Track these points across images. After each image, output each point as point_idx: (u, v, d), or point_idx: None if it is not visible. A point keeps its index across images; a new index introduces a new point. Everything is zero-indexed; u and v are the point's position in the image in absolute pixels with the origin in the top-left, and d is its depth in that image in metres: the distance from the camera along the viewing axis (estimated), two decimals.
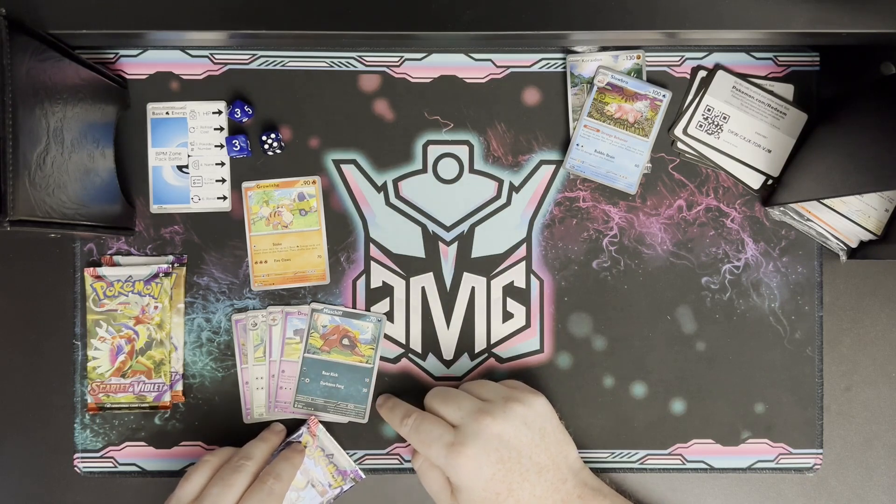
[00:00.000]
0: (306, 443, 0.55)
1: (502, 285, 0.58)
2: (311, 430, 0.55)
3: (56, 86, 0.45)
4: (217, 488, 0.48)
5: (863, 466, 0.58)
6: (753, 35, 0.50)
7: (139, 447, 0.57)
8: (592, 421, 0.57)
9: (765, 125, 0.57)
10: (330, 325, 0.57)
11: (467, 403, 0.50)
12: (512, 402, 0.50)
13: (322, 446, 0.56)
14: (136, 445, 0.57)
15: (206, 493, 0.48)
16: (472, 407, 0.50)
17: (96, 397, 0.56)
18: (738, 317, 0.58)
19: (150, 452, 0.57)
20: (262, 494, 0.49)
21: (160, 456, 0.57)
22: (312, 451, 0.55)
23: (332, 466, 0.55)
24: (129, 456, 0.57)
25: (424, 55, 0.57)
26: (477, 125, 0.57)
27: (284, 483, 0.51)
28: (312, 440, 0.55)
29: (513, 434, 0.49)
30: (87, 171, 0.50)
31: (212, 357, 0.57)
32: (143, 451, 0.57)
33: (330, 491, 0.55)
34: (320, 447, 0.55)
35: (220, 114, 0.56)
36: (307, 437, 0.55)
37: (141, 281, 0.56)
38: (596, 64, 0.56)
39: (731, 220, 0.58)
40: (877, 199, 0.55)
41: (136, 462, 0.57)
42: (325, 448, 0.56)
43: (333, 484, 0.55)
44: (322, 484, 0.55)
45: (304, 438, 0.55)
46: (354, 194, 0.57)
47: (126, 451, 0.57)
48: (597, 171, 0.57)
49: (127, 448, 0.57)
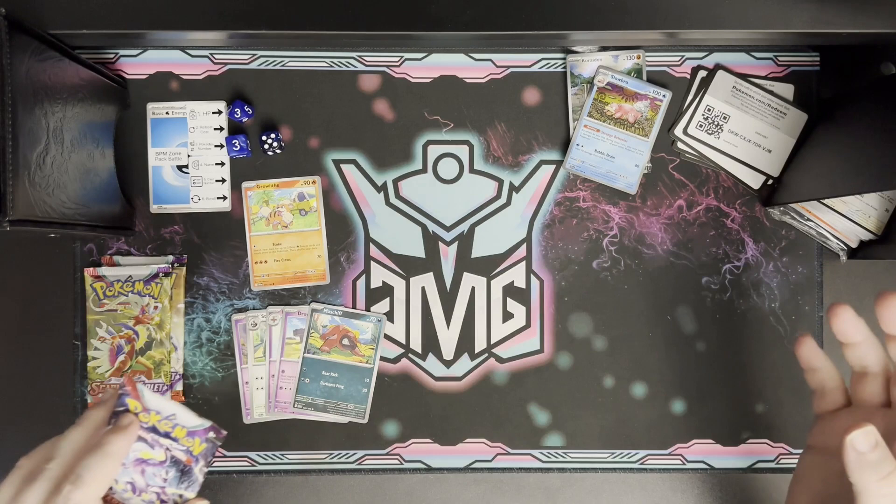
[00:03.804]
0: (135, 409, 0.43)
1: (502, 285, 0.58)
2: (133, 392, 0.44)
3: (56, 86, 0.45)
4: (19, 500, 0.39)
5: None
6: (753, 35, 0.50)
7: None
8: (592, 421, 0.57)
9: (765, 125, 0.57)
10: (330, 325, 0.57)
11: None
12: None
13: (155, 409, 0.44)
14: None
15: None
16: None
17: (96, 397, 0.56)
18: (738, 317, 0.58)
19: None
20: (71, 485, 0.39)
21: None
22: (147, 416, 0.44)
23: (181, 429, 0.45)
24: None
25: (424, 55, 0.57)
26: (477, 125, 0.57)
27: (88, 486, 0.40)
28: (140, 403, 0.43)
29: None
30: (87, 171, 0.50)
31: (212, 357, 0.57)
32: None
33: (196, 460, 0.45)
34: (154, 411, 0.44)
35: (220, 114, 0.56)
36: (131, 401, 0.43)
37: (141, 281, 0.56)
38: (596, 64, 0.56)
39: (731, 220, 0.58)
40: (877, 199, 0.55)
41: None
42: (161, 410, 0.44)
43: (193, 449, 0.45)
44: (182, 452, 0.45)
45: (129, 404, 0.43)
46: (354, 194, 0.57)
47: None
48: (597, 171, 0.57)
49: None
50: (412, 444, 0.57)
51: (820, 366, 0.45)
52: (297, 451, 0.57)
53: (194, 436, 0.45)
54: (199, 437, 0.46)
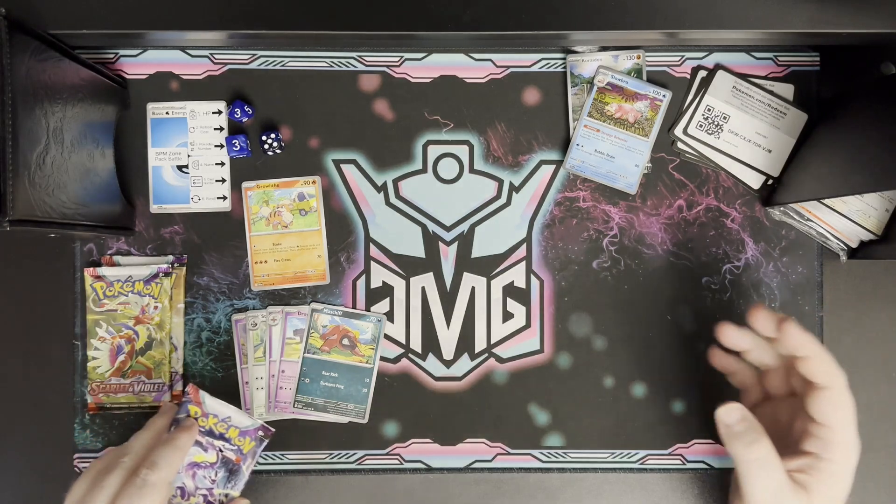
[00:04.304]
0: (195, 414, 0.51)
1: (502, 285, 0.58)
2: (194, 399, 0.51)
3: (56, 86, 0.45)
4: (89, 495, 0.45)
5: (863, 466, 0.58)
6: (753, 35, 0.50)
7: None
8: (592, 421, 0.57)
9: (765, 125, 0.57)
10: (330, 325, 0.57)
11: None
12: None
13: (213, 412, 0.51)
14: None
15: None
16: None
17: (96, 397, 0.56)
18: (738, 317, 0.58)
19: None
20: (133, 489, 0.45)
21: None
22: (206, 421, 0.51)
23: (234, 430, 0.51)
24: None
25: (424, 55, 0.57)
26: (477, 125, 0.57)
27: (162, 470, 0.46)
28: (200, 409, 0.51)
29: None
30: (87, 171, 0.50)
31: (212, 357, 0.57)
32: None
33: (245, 458, 0.51)
34: (212, 414, 0.51)
35: (220, 114, 0.56)
36: (192, 407, 0.51)
37: (141, 281, 0.56)
38: (596, 64, 0.56)
39: (731, 220, 0.58)
40: (877, 199, 0.55)
41: None
42: (218, 414, 0.51)
43: (244, 447, 0.51)
44: (233, 452, 0.51)
45: (191, 410, 0.51)
46: (354, 194, 0.57)
47: None
48: (597, 171, 0.57)
49: None
50: (412, 444, 0.57)
51: (735, 369, 0.52)
52: (297, 451, 0.57)
53: (246, 435, 0.51)
54: (249, 436, 0.51)
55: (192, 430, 0.50)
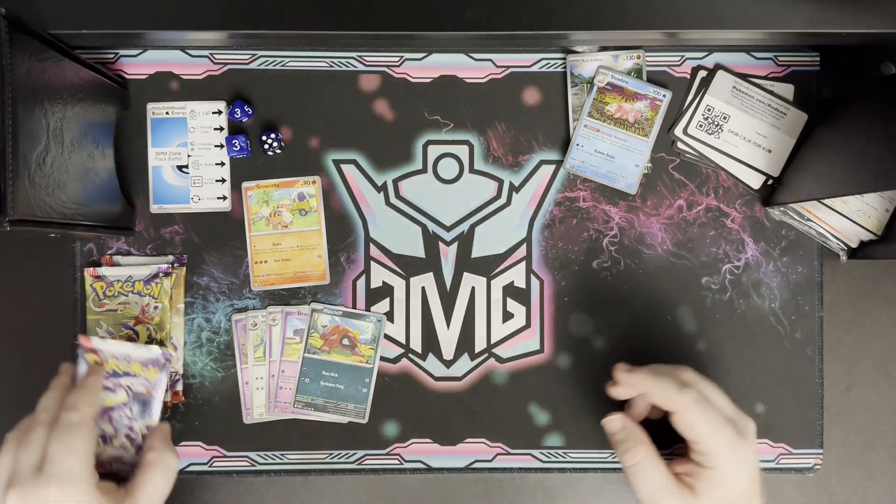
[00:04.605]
0: (94, 361, 0.51)
1: (502, 285, 0.58)
2: (87, 346, 0.51)
3: (56, 86, 0.45)
4: (20, 456, 0.45)
5: (863, 466, 0.58)
6: (753, 35, 0.50)
7: None
8: (592, 421, 0.57)
9: (765, 125, 0.57)
10: (330, 325, 0.57)
11: (728, 402, 0.49)
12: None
13: (111, 354, 0.51)
14: None
15: (15, 468, 0.45)
16: (734, 407, 0.49)
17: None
18: (738, 317, 0.58)
19: None
20: (61, 433, 0.45)
21: None
22: (106, 364, 0.51)
23: (136, 364, 0.52)
24: None
25: (424, 55, 0.57)
26: (477, 125, 0.57)
27: (81, 409, 0.47)
28: (97, 356, 0.51)
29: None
30: (87, 171, 0.50)
31: (212, 357, 0.57)
32: None
33: (154, 387, 0.52)
34: (110, 357, 0.51)
35: (220, 114, 0.56)
36: (89, 356, 0.51)
37: (141, 281, 0.56)
38: (596, 64, 0.56)
39: (731, 220, 0.58)
40: (877, 199, 0.55)
41: None
42: (116, 354, 0.51)
43: (150, 377, 0.52)
44: (141, 385, 0.51)
45: (88, 358, 0.51)
46: (354, 194, 0.57)
47: None
48: (597, 171, 0.57)
49: None
50: (412, 444, 0.57)
51: (634, 418, 0.54)
52: (297, 451, 0.57)
53: (148, 365, 0.52)
54: (152, 365, 0.52)
55: (97, 372, 0.50)
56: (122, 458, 0.51)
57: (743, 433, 0.47)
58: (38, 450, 0.45)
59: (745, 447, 0.47)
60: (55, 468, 0.44)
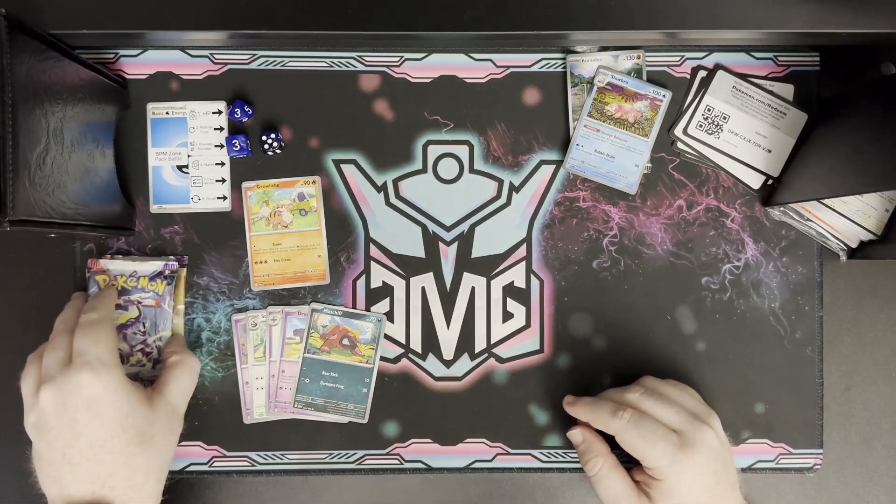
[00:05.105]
0: (105, 282, 0.54)
1: (502, 285, 0.58)
2: (97, 269, 0.54)
3: (56, 86, 0.45)
4: (46, 359, 0.47)
5: (863, 466, 0.58)
6: (753, 35, 0.50)
7: None
8: None
9: (765, 125, 0.57)
10: (330, 325, 0.57)
11: (682, 409, 0.50)
12: (713, 416, 0.52)
13: (119, 272, 0.54)
14: None
15: (44, 369, 0.47)
16: (689, 414, 0.50)
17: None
18: (738, 317, 0.58)
19: None
20: (85, 329, 0.47)
21: None
22: (115, 283, 0.54)
23: (143, 279, 0.54)
24: None
25: (424, 55, 0.57)
26: (477, 125, 0.57)
27: (101, 310, 0.49)
28: (107, 276, 0.54)
29: (720, 448, 0.50)
30: (87, 171, 0.50)
31: (212, 357, 0.57)
32: None
33: (163, 298, 0.54)
34: (119, 274, 0.54)
35: (220, 114, 0.56)
36: (99, 277, 0.54)
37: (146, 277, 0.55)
38: (596, 64, 0.56)
39: (731, 220, 0.58)
40: (877, 199, 0.55)
41: None
42: (124, 271, 0.54)
43: (158, 290, 0.54)
44: (150, 298, 0.54)
45: (99, 280, 0.54)
46: (354, 194, 0.57)
47: None
48: (597, 171, 0.57)
49: None
50: (412, 444, 0.57)
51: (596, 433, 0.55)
52: (297, 451, 0.57)
53: (156, 279, 0.54)
54: (159, 278, 0.54)
55: (110, 288, 0.53)
56: (139, 374, 0.54)
57: (687, 443, 0.48)
58: (64, 350, 0.47)
59: (689, 457, 0.48)
60: (84, 357, 0.46)
